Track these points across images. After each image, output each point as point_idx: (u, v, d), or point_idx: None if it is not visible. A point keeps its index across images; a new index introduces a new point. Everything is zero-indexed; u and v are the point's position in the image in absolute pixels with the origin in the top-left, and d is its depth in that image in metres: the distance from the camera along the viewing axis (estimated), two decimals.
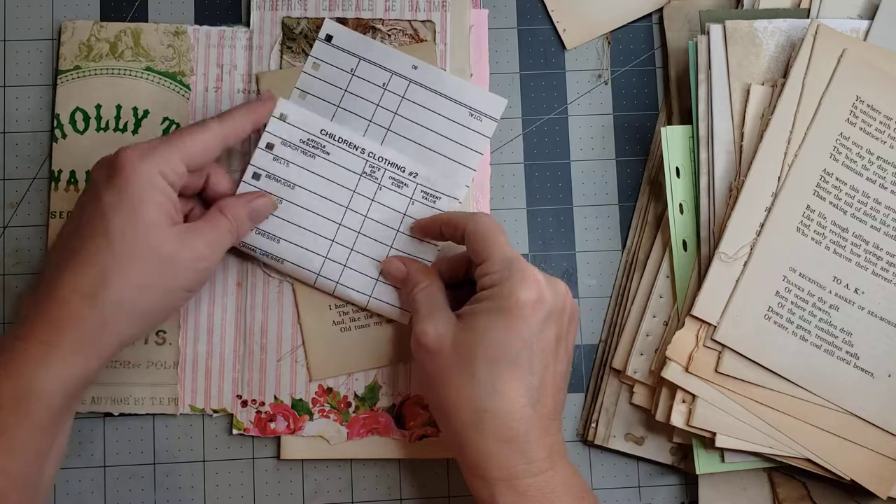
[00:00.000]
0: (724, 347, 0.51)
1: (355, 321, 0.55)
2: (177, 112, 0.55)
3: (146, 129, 0.55)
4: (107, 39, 0.55)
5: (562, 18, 0.58)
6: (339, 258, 0.54)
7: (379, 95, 0.54)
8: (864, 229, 0.52)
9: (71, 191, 0.55)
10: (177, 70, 0.55)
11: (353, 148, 0.54)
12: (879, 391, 0.51)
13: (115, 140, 0.55)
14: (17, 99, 0.56)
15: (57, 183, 0.55)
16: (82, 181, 0.55)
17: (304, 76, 0.54)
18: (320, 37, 0.54)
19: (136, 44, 0.55)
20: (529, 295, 0.46)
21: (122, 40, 0.55)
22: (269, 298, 0.54)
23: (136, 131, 0.55)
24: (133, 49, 0.55)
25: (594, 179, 0.58)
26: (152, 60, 0.55)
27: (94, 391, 0.53)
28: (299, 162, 0.53)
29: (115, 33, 0.55)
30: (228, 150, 0.52)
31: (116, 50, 0.55)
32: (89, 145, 0.55)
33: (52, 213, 0.55)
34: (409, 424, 0.54)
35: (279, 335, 0.54)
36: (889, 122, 0.53)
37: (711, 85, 0.54)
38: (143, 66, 0.55)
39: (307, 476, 0.55)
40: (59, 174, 0.55)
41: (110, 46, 0.55)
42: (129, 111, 0.55)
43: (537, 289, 0.46)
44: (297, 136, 0.53)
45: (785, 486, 0.54)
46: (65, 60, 0.55)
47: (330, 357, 0.54)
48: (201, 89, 0.55)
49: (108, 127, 0.55)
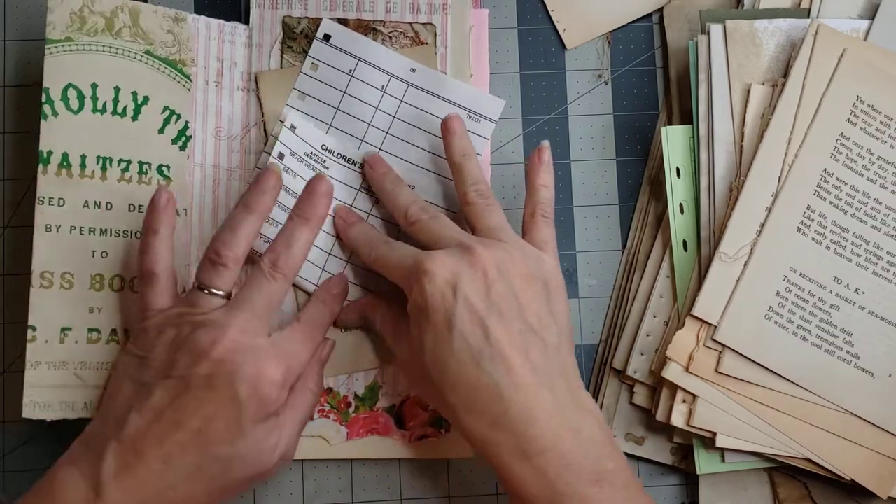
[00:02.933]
0: (724, 347, 0.51)
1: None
2: (178, 103, 0.53)
3: (146, 116, 0.52)
4: (102, 14, 0.52)
5: (562, 18, 0.58)
6: (335, 271, 0.54)
7: (378, 98, 0.54)
8: (865, 229, 0.52)
9: (63, 175, 0.50)
10: (177, 58, 0.54)
11: (352, 164, 0.54)
12: (879, 391, 0.51)
13: (114, 124, 0.52)
14: (17, 98, 0.56)
15: (46, 165, 0.50)
16: (77, 164, 0.51)
17: (303, 77, 0.54)
18: (318, 36, 0.54)
19: (134, 23, 0.52)
20: (418, 297, 0.46)
21: (119, 17, 0.52)
22: None
23: (136, 118, 0.52)
24: (132, 29, 0.52)
25: (594, 179, 0.58)
26: (152, 44, 0.53)
27: (94, 395, 0.51)
28: (303, 174, 0.53)
29: (111, 8, 0.52)
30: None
31: (113, 27, 0.52)
32: (84, 127, 0.51)
33: (39, 198, 0.50)
34: (408, 424, 0.54)
35: None
36: (889, 122, 0.53)
37: (712, 85, 0.54)
38: (143, 49, 0.53)
39: (307, 476, 0.55)
40: (49, 155, 0.50)
41: (106, 22, 0.52)
42: (128, 95, 0.52)
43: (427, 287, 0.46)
44: (302, 148, 0.53)
45: (785, 486, 0.54)
46: (54, 29, 0.50)
47: (333, 356, 0.54)
48: (202, 83, 0.54)
49: (105, 109, 0.51)
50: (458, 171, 0.51)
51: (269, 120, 0.55)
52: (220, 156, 0.55)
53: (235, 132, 0.55)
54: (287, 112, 0.53)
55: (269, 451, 0.46)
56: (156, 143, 0.53)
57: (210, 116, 0.54)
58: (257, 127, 0.55)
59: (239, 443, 0.44)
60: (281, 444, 0.47)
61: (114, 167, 0.51)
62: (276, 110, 0.54)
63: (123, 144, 0.51)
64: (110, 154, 0.52)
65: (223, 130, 0.55)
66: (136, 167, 0.52)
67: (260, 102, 0.55)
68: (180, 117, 0.54)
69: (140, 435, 0.44)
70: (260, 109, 0.55)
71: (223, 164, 0.55)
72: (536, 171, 0.51)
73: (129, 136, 0.52)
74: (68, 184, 0.50)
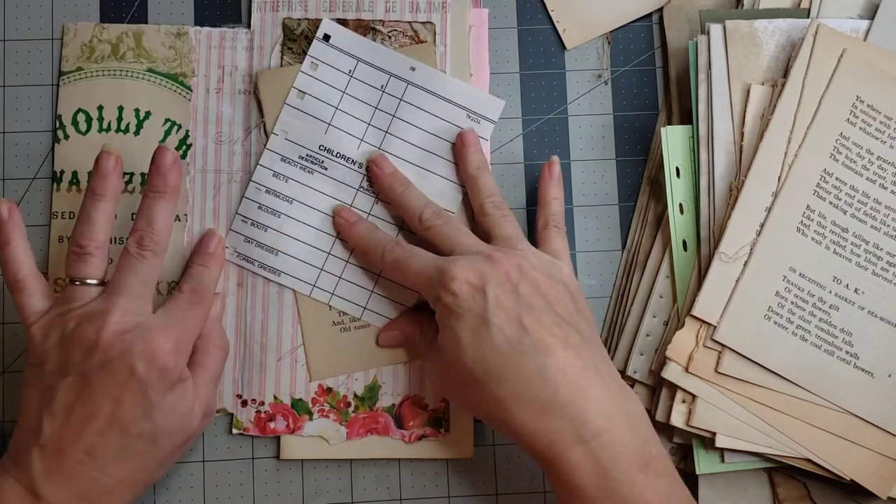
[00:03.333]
0: (724, 347, 0.51)
1: (355, 321, 0.55)
2: (178, 114, 0.55)
3: (148, 130, 0.55)
4: (108, 41, 0.56)
5: (562, 18, 0.58)
6: (335, 270, 0.54)
7: (377, 98, 0.54)
8: (864, 229, 0.52)
9: (73, 191, 0.55)
10: (178, 71, 0.55)
11: (351, 163, 0.54)
12: (879, 391, 0.51)
13: (118, 141, 0.55)
14: (16, 98, 0.56)
15: (59, 184, 0.55)
16: (84, 182, 0.54)
17: (302, 76, 0.54)
18: (318, 36, 0.54)
19: (137, 45, 0.55)
20: (449, 300, 0.47)
21: (124, 42, 0.55)
22: (270, 298, 0.54)
23: (138, 132, 0.55)
24: (135, 50, 0.55)
25: (594, 179, 0.58)
26: (154, 62, 0.55)
27: None
28: (297, 177, 0.54)
29: (118, 34, 0.56)
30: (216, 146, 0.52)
31: (118, 51, 0.55)
32: (91, 146, 0.54)
33: (53, 213, 0.55)
34: (408, 424, 0.54)
35: (279, 335, 0.54)
36: (889, 122, 0.53)
37: (711, 85, 0.54)
38: (146, 68, 0.55)
39: (307, 476, 0.55)
40: (62, 175, 0.55)
41: (112, 48, 0.55)
42: (130, 112, 0.55)
43: (456, 290, 0.47)
44: (295, 152, 0.54)
45: (785, 486, 0.54)
46: (67, 62, 0.55)
47: (330, 357, 0.54)
48: (202, 91, 0.55)
49: (109, 128, 0.55)
50: (473, 183, 0.53)
51: (268, 119, 0.55)
52: (221, 160, 0.55)
53: (237, 135, 0.55)
54: (278, 120, 0.54)
55: (187, 415, 0.48)
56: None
57: (210, 123, 0.55)
58: (258, 128, 0.55)
59: (155, 415, 0.46)
60: (198, 404, 0.49)
61: None
62: (275, 109, 0.54)
63: (126, 159, 0.53)
64: None
65: (224, 135, 0.55)
66: (139, 178, 0.55)
67: (259, 102, 0.55)
68: (181, 127, 0.55)
69: (57, 435, 0.45)
70: (259, 109, 0.55)
71: (224, 168, 0.55)
72: (548, 184, 0.53)
73: (132, 151, 0.55)
74: (78, 199, 0.54)
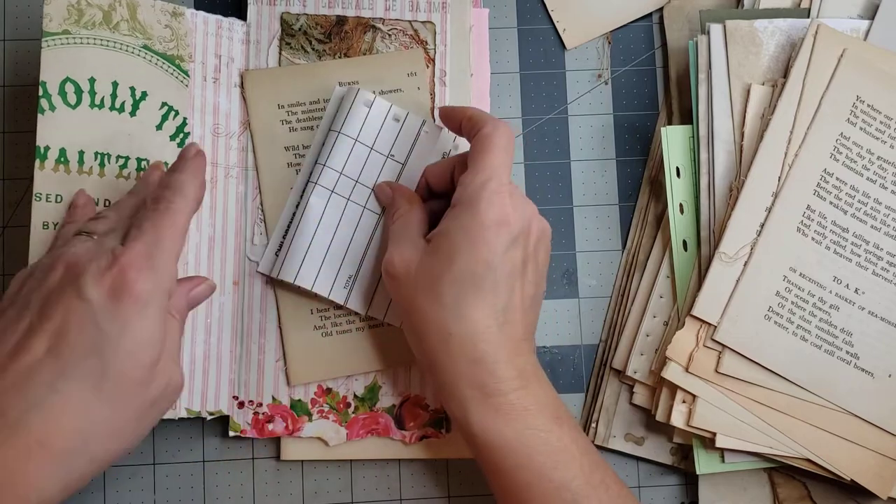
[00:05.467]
0: (724, 347, 0.51)
1: (337, 326, 0.54)
2: (176, 99, 0.53)
3: (144, 112, 0.52)
4: (99, 6, 0.51)
5: (562, 18, 0.58)
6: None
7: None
8: (865, 229, 0.52)
9: (60, 170, 0.49)
10: (175, 54, 0.53)
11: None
12: (879, 391, 0.51)
13: (112, 120, 0.51)
14: (17, 98, 0.56)
15: (43, 161, 0.49)
16: (75, 160, 0.50)
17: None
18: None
19: (132, 17, 0.52)
20: (493, 217, 0.46)
21: (117, 10, 0.51)
22: (268, 298, 0.54)
23: (134, 113, 0.51)
24: (129, 22, 0.51)
25: (594, 179, 0.58)
26: (150, 39, 0.52)
27: None
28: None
29: (109, 1, 0.51)
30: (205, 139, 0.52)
31: (111, 20, 0.51)
32: (82, 122, 0.50)
33: (37, 194, 0.48)
34: (408, 425, 0.54)
35: (278, 335, 0.54)
36: (889, 122, 0.53)
37: (712, 85, 0.54)
38: (141, 44, 0.52)
39: (307, 477, 0.55)
40: (47, 151, 0.49)
41: (104, 15, 0.51)
42: (126, 90, 0.51)
43: (502, 211, 0.46)
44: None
45: (785, 486, 0.54)
46: (50, 21, 0.49)
47: (310, 362, 0.54)
48: (200, 79, 0.54)
49: (103, 104, 0.51)
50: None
51: (253, 119, 0.54)
52: (218, 153, 0.54)
53: (233, 129, 0.54)
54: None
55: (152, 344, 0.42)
56: (154, 139, 0.52)
57: (208, 113, 0.54)
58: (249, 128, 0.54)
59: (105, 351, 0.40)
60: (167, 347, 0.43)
61: (112, 163, 0.51)
62: (261, 109, 0.54)
63: (122, 141, 0.51)
64: (108, 150, 0.51)
65: (221, 127, 0.54)
66: (135, 164, 0.52)
67: (245, 101, 0.54)
68: (178, 113, 0.53)
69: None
70: (245, 109, 0.54)
71: (221, 162, 0.54)
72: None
73: (128, 132, 0.51)
74: (66, 180, 0.49)
